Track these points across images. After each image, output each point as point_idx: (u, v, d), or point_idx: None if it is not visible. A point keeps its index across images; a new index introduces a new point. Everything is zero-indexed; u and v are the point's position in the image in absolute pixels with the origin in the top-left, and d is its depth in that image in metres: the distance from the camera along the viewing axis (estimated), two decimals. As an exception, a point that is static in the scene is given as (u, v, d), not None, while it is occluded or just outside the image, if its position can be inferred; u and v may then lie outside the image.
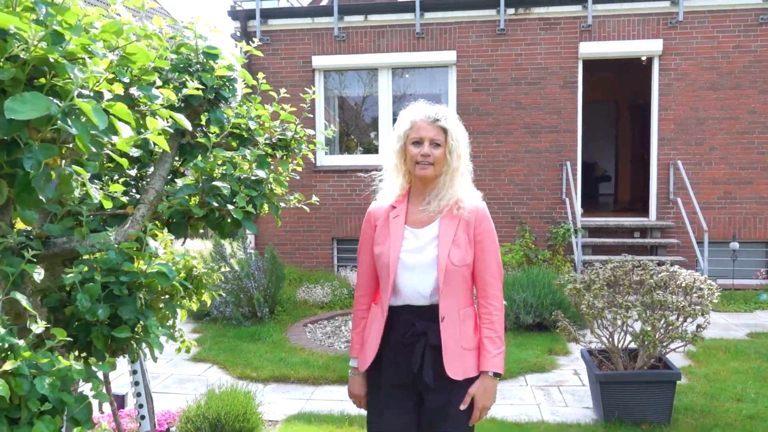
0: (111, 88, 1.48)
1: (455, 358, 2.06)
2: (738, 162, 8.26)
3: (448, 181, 2.12)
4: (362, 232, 2.31)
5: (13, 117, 1.21)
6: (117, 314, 1.95)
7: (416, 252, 2.11)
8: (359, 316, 2.30)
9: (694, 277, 3.99)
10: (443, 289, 2.06)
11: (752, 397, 4.49)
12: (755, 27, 8.13)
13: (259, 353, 5.76)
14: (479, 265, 2.12)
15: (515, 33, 8.55)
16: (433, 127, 2.09)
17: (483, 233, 2.13)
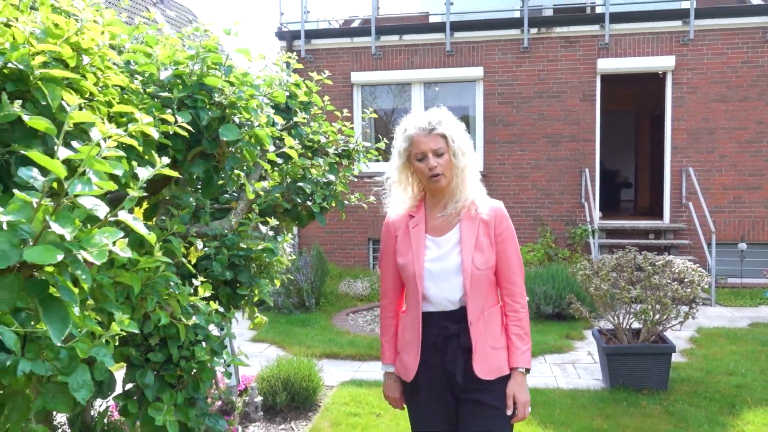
0: (263, 122, 2.32)
1: (484, 359, 2.09)
2: (747, 169, 8.87)
3: (461, 182, 2.12)
4: (383, 243, 2.32)
5: (224, 138, 2.05)
6: (236, 278, 2.80)
7: (439, 260, 2.13)
8: (387, 323, 2.33)
9: (687, 266, 4.70)
10: (470, 294, 2.08)
11: (742, 372, 5.18)
12: (762, 44, 8.76)
13: (310, 335, 6.59)
14: (502, 264, 2.14)
15: (538, 50, 9.30)
16: (431, 137, 2.07)
17: (504, 233, 2.14)
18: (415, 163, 2.11)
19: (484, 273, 2.10)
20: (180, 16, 23.21)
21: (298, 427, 4.26)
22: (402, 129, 2.16)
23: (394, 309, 2.32)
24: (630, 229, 9.11)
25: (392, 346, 2.30)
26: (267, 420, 4.38)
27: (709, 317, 7.18)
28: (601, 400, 4.58)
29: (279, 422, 4.35)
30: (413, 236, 2.17)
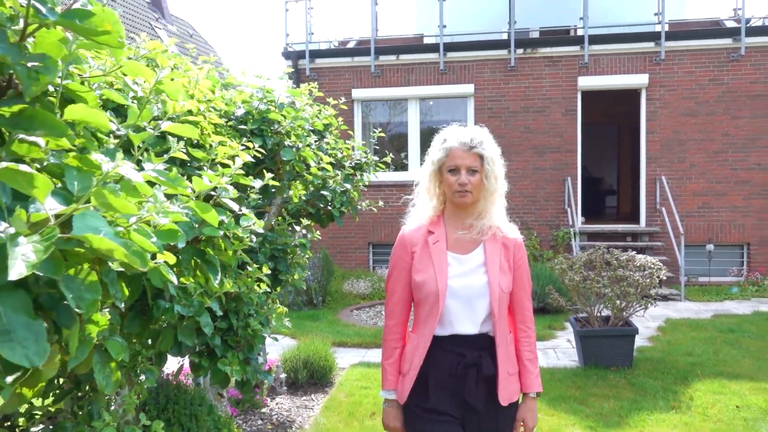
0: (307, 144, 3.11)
1: (505, 385, 2.06)
2: (714, 177, 9.73)
3: (488, 205, 2.11)
4: (395, 257, 2.19)
5: (284, 158, 2.83)
6: (276, 267, 3.58)
7: (463, 278, 2.06)
8: (392, 345, 2.20)
9: (647, 260, 5.50)
10: (498, 317, 2.04)
11: (698, 353, 5.98)
12: (727, 63, 9.64)
13: (319, 328, 7.35)
14: (518, 289, 2.14)
15: (524, 69, 10.14)
16: (469, 154, 2.04)
17: (521, 260, 2.15)
18: (446, 175, 2.06)
19: (506, 296, 2.07)
20: (181, 30, 24.03)
21: (317, 399, 5.02)
22: (441, 139, 2.12)
23: (401, 331, 2.19)
24: (609, 232, 9.94)
25: (396, 370, 2.18)
26: (290, 393, 5.14)
27: (678, 310, 8.00)
28: (575, 376, 5.37)
29: (300, 395, 5.11)
30: (434, 252, 2.07)
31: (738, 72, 9.61)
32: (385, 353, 2.21)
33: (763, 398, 4.72)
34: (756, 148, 9.60)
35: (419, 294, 2.09)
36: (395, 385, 2.18)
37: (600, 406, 4.65)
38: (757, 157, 9.59)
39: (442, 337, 2.07)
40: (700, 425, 4.25)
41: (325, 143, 3.91)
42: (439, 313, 2.03)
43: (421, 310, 2.10)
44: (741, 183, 9.65)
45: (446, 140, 2.10)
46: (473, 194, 2.06)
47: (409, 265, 2.13)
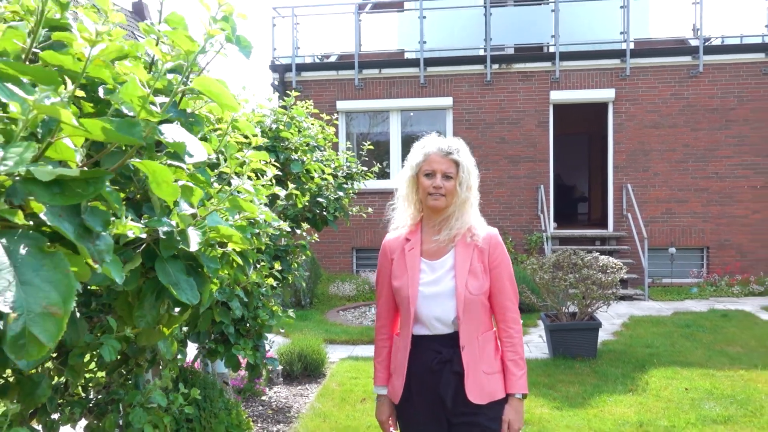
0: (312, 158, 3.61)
1: (476, 383, 2.11)
2: (676, 185, 10.42)
3: (458, 211, 2.17)
4: (379, 264, 2.34)
5: (294, 170, 3.33)
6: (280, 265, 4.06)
7: (434, 284, 2.16)
8: (381, 345, 2.34)
9: (609, 261, 6.09)
10: (463, 319, 2.10)
11: (657, 345, 6.58)
12: (687, 79, 10.36)
13: (308, 327, 7.81)
14: (496, 290, 2.17)
15: (499, 83, 10.76)
16: (446, 159, 2.13)
17: (498, 259, 2.18)
18: (422, 179, 2.16)
19: (477, 298, 2.12)
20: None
21: (311, 388, 5.50)
22: (421, 145, 2.22)
23: (388, 332, 2.34)
24: (579, 236, 10.57)
25: (385, 368, 2.32)
26: (286, 384, 5.61)
27: (641, 309, 8.63)
28: (545, 365, 5.92)
29: (296, 385, 5.58)
30: (408, 259, 2.20)
31: (697, 87, 10.33)
32: (375, 352, 2.38)
33: (710, 382, 5.32)
34: (714, 159, 10.31)
35: (397, 298, 2.23)
36: (385, 381, 2.32)
37: (566, 390, 5.20)
38: (715, 167, 10.31)
39: (421, 336, 2.18)
40: (653, 404, 4.82)
41: (324, 156, 4.41)
42: (412, 315, 2.15)
43: (401, 313, 2.25)
44: (700, 191, 10.36)
45: (425, 146, 2.20)
46: (446, 198, 2.14)
47: (389, 271, 2.26)
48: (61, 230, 0.71)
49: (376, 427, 4.42)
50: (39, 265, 0.68)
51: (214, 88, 0.93)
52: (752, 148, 10.23)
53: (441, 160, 2.14)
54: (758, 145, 10.21)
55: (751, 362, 5.92)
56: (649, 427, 4.37)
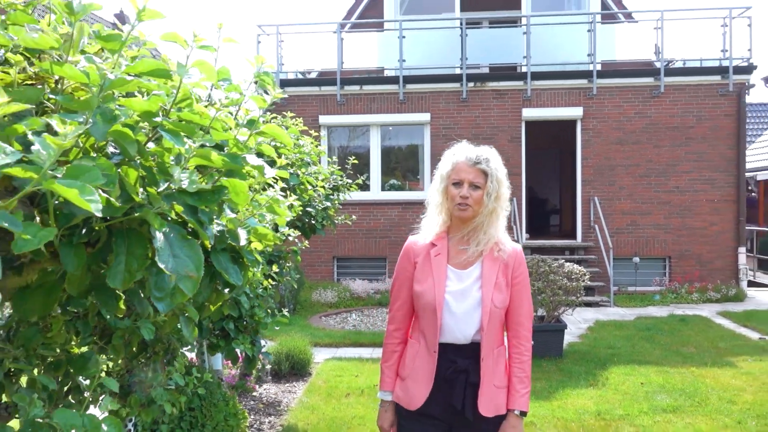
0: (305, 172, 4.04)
1: (488, 396, 2.11)
2: (640, 198, 11.05)
3: (486, 222, 2.14)
4: (400, 266, 2.29)
5: (291, 183, 3.76)
6: None
7: (460, 294, 2.14)
8: (391, 349, 2.29)
9: (574, 267, 6.60)
10: (486, 330, 2.10)
11: (618, 346, 7.11)
12: (650, 99, 11.03)
13: (293, 331, 8.18)
14: (514, 306, 2.17)
15: (474, 101, 11.32)
16: (474, 169, 2.11)
17: (520, 276, 2.19)
18: (450, 187, 2.15)
19: (500, 312, 2.13)
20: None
21: (298, 385, 5.89)
22: (450, 153, 2.23)
23: (402, 336, 2.29)
24: (550, 246, 11.13)
25: (394, 372, 2.27)
26: (275, 382, 6.00)
27: (607, 314, 9.18)
28: (515, 364, 6.40)
29: (284, 383, 5.97)
30: (434, 264, 2.17)
31: (659, 107, 11.00)
32: (384, 356, 2.31)
33: (663, 378, 5.85)
34: (674, 173, 10.98)
35: (418, 303, 2.19)
36: (391, 387, 2.27)
37: (534, 385, 5.67)
38: (676, 181, 10.97)
39: (439, 344, 2.15)
40: (611, 397, 5.32)
41: (314, 171, 4.85)
42: (438, 323, 2.12)
43: (421, 319, 2.21)
44: (662, 203, 11.00)
45: (455, 154, 2.21)
46: (473, 208, 2.11)
47: (411, 275, 2.22)
48: (192, 222, 1.14)
49: (360, 418, 4.84)
50: (181, 246, 1.11)
51: (277, 131, 1.37)
52: (709, 164, 10.92)
53: (469, 170, 2.12)
54: (715, 161, 10.91)
55: (702, 361, 6.47)
56: (606, 415, 4.86)
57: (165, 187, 1.09)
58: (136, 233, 1.09)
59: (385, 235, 11.20)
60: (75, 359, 2.16)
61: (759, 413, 4.86)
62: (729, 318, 8.76)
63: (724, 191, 10.93)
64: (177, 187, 1.08)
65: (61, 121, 0.85)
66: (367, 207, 11.25)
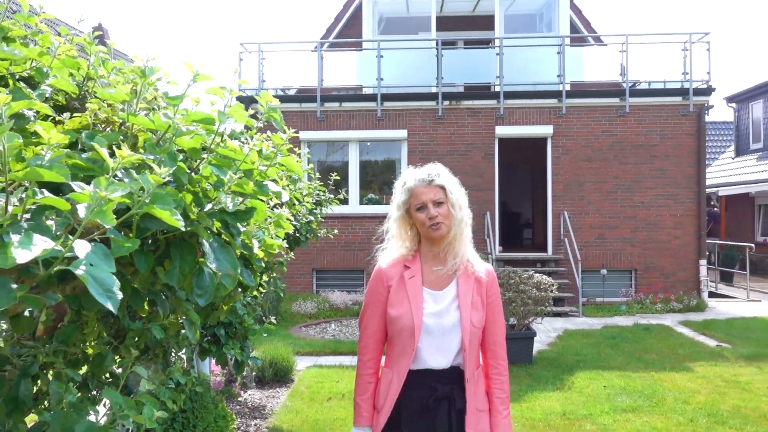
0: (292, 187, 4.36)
1: (473, 421, 2.06)
2: (607, 212, 11.57)
3: (459, 234, 2.12)
4: (371, 291, 2.21)
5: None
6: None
7: (438, 316, 2.09)
8: (366, 380, 2.19)
9: (542, 278, 7.00)
10: (468, 351, 2.05)
11: (585, 353, 7.52)
12: (616, 118, 11.59)
13: (274, 341, 8.43)
14: (490, 325, 2.14)
15: (450, 118, 11.76)
16: (431, 188, 2.10)
17: (494, 295, 2.17)
18: (415, 214, 2.12)
19: (477, 331, 2.09)
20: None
21: (282, 391, 6.16)
22: (401, 183, 2.20)
23: (375, 366, 2.20)
24: (522, 259, 11.56)
25: (370, 406, 2.18)
26: (259, 388, 6.26)
27: (575, 324, 9.61)
28: (487, 370, 6.75)
29: (267, 389, 6.24)
30: (410, 287, 2.11)
31: (625, 126, 11.56)
32: (358, 389, 2.20)
33: (625, 381, 6.25)
34: (639, 189, 11.52)
35: (393, 328, 2.12)
36: (369, 422, 2.17)
37: (505, 389, 6.03)
38: (641, 197, 11.52)
39: (415, 371, 2.08)
40: (576, 398, 5.70)
41: (299, 188, 5.17)
42: (414, 348, 2.06)
43: (395, 345, 2.13)
44: (628, 218, 11.53)
45: (405, 182, 2.18)
46: (445, 224, 2.09)
47: (385, 299, 2.15)
48: (226, 234, 1.47)
49: (341, 420, 5.14)
50: (221, 252, 1.43)
51: (291, 164, 1.71)
52: (672, 180, 11.49)
53: (426, 190, 2.11)
54: (677, 178, 11.48)
55: (661, 366, 6.90)
56: (571, 415, 5.24)
57: (209, 207, 1.42)
58: (187, 243, 1.42)
59: (363, 247, 11.52)
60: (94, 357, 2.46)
61: (710, 412, 5.28)
62: (689, 327, 9.25)
63: (686, 206, 11.50)
64: (218, 208, 1.41)
65: (157, 163, 1.18)
66: (346, 220, 11.57)
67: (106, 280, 1.02)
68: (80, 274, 0.99)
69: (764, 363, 6.98)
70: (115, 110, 1.44)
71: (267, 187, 1.53)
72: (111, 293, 1.02)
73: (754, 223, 18.87)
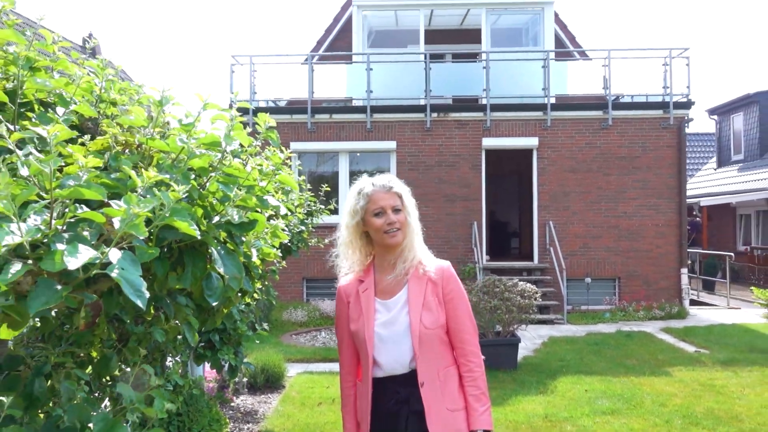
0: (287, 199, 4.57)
1: (440, 421, 2.06)
2: (591, 222, 11.84)
3: (411, 241, 2.16)
4: (336, 311, 2.31)
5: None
6: None
7: (389, 324, 2.13)
8: (347, 393, 2.28)
9: (527, 287, 7.22)
10: (419, 355, 2.07)
11: (568, 359, 7.74)
12: (599, 131, 11.89)
13: (266, 348, 8.58)
14: (453, 324, 2.13)
15: (437, 130, 12.01)
16: (390, 194, 2.14)
17: (452, 292, 2.15)
18: (372, 219, 2.13)
19: (434, 332, 2.09)
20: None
21: (273, 396, 6.32)
22: (357, 189, 2.21)
23: (353, 378, 2.27)
24: (509, 268, 11.79)
25: (353, 417, 2.26)
26: (251, 393, 6.41)
27: (560, 331, 9.83)
28: (473, 376, 6.95)
29: (259, 394, 6.39)
30: (363, 301, 2.18)
31: (608, 138, 11.87)
32: (342, 401, 2.31)
33: (606, 386, 6.47)
34: (623, 200, 11.82)
35: (356, 342, 2.21)
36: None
37: (489, 393, 6.22)
38: (624, 207, 11.81)
39: (381, 378, 2.15)
40: (558, 402, 5.91)
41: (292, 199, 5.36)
42: (371, 358, 2.11)
43: (361, 357, 2.21)
44: (612, 228, 11.81)
45: (363, 188, 2.19)
46: (402, 231, 2.14)
47: (347, 315, 2.24)
48: (231, 243, 1.67)
49: (332, 424, 5.31)
50: (228, 258, 1.63)
51: (288, 180, 1.91)
52: (654, 191, 11.80)
53: (385, 196, 2.15)
54: (659, 188, 11.79)
55: (641, 371, 7.13)
56: (553, 417, 5.44)
57: (217, 219, 1.62)
58: (197, 251, 1.61)
59: (352, 256, 11.68)
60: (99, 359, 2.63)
61: (685, 414, 5.50)
62: (670, 333, 9.50)
63: (667, 216, 11.80)
64: (225, 220, 1.61)
65: (174, 182, 1.37)
66: (335, 230, 11.72)
67: (136, 282, 1.21)
68: (115, 276, 1.18)
69: (739, 368, 7.23)
70: (134, 134, 1.64)
71: (267, 201, 1.74)
72: (140, 293, 1.21)
73: (736, 232, 19.26)
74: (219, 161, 1.72)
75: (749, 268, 16.61)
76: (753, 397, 6.05)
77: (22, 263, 1.15)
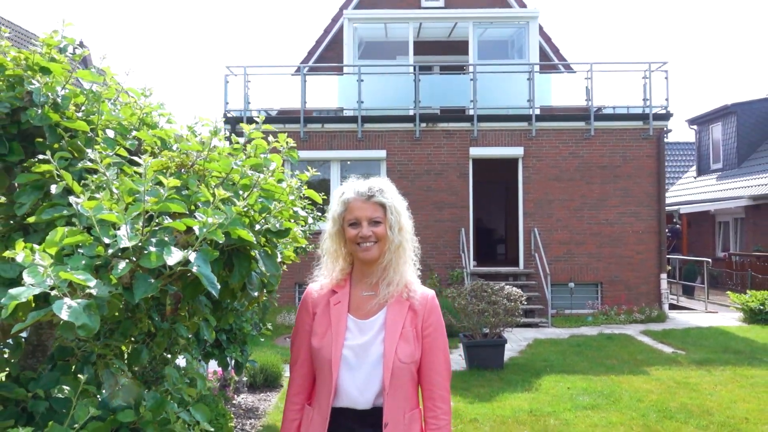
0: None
1: None
2: (575, 229, 12.28)
3: (394, 259, 1.92)
4: (297, 320, 2.04)
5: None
6: None
7: (361, 348, 1.86)
8: (291, 417, 1.97)
9: (513, 290, 7.61)
10: (389, 391, 1.81)
11: (552, 359, 8.12)
12: (582, 141, 12.35)
13: (262, 350, 8.88)
14: (426, 361, 1.88)
15: (426, 139, 12.40)
16: (369, 204, 1.93)
17: (432, 326, 1.91)
18: (347, 229, 1.95)
19: (407, 367, 1.84)
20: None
21: (272, 395, 6.63)
22: (339, 193, 2.05)
23: (303, 401, 1.97)
24: (495, 273, 12.19)
25: None
26: (251, 392, 6.72)
27: (545, 334, 10.23)
28: (462, 375, 7.31)
29: (259, 393, 6.70)
30: (333, 315, 1.92)
31: (590, 147, 12.33)
32: (282, 426, 2.00)
33: (587, 383, 6.86)
34: (605, 207, 12.27)
35: (316, 361, 1.91)
36: None
37: (477, 391, 6.59)
38: (605, 215, 12.26)
39: (338, 409, 1.86)
40: (542, 398, 6.28)
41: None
42: (333, 383, 1.83)
43: (318, 379, 1.92)
44: (594, 234, 12.26)
45: (344, 193, 2.03)
46: (379, 245, 1.92)
47: (309, 327, 1.97)
48: (268, 247, 2.02)
49: (330, 419, 5.63)
50: (267, 259, 1.97)
51: (312, 195, 2.26)
52: (634, 199, 12.27)
53: (363, 206, 1.95)
54: (639, 197, 12.26)
55: (621, 370, 7.53)
56: (537, 412, 5.81)
57: (258, 227, 1.97)
58: (242, 253, 1.96)
59: (344, 262, 12.01)
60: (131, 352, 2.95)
61: (660, 409, 5.90)
62: (649, 336, 9.94)
63: (647, 223, 12.27)
64: (265, 228, 1.96)
65: (230, 200, 1.72)
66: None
67: (210, 276, 1.56)
68: (195, 271, 1.53)
69: (713, 367, 7.66)
70: (190, 157, 1.98)
71: (298, 213, 2.09)
72: (214, 284, 1.56)
73: (715, 239, 19.85)
74: (258, 180, 2.07)
75: (727, 274, 17.16)
76: (724, 393, 6.47)
77: (125, 261, 1.50)
